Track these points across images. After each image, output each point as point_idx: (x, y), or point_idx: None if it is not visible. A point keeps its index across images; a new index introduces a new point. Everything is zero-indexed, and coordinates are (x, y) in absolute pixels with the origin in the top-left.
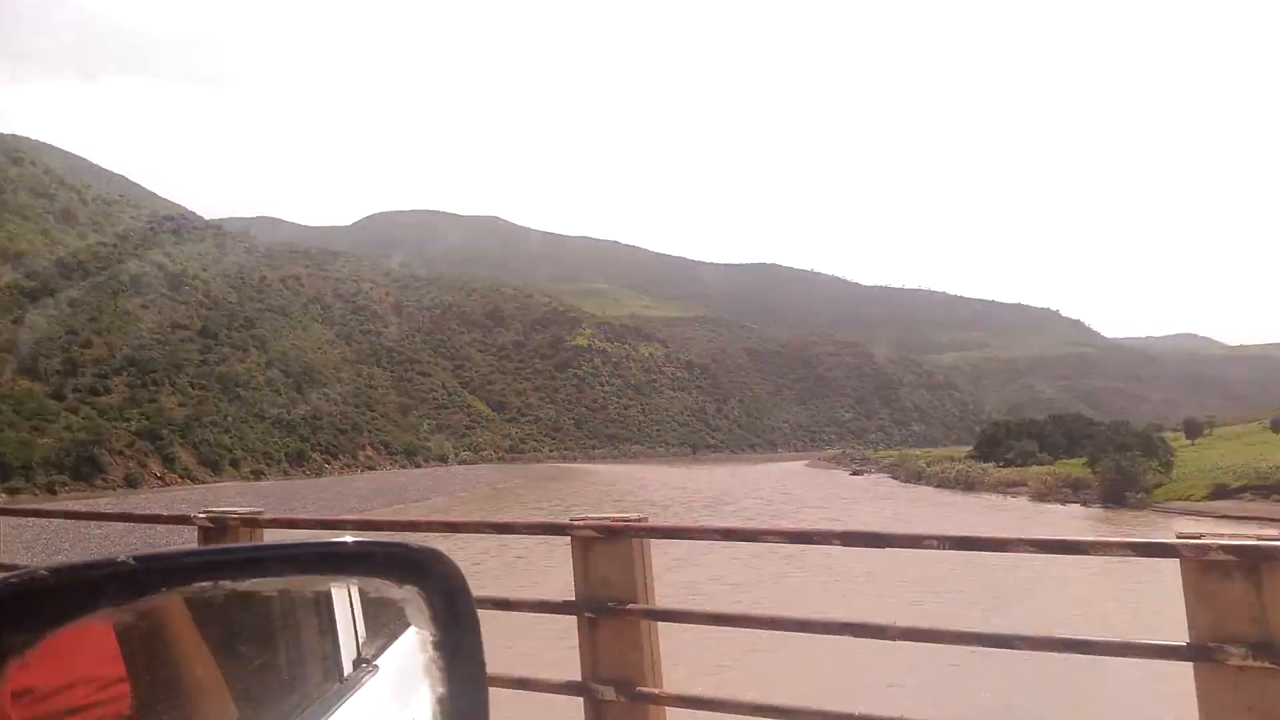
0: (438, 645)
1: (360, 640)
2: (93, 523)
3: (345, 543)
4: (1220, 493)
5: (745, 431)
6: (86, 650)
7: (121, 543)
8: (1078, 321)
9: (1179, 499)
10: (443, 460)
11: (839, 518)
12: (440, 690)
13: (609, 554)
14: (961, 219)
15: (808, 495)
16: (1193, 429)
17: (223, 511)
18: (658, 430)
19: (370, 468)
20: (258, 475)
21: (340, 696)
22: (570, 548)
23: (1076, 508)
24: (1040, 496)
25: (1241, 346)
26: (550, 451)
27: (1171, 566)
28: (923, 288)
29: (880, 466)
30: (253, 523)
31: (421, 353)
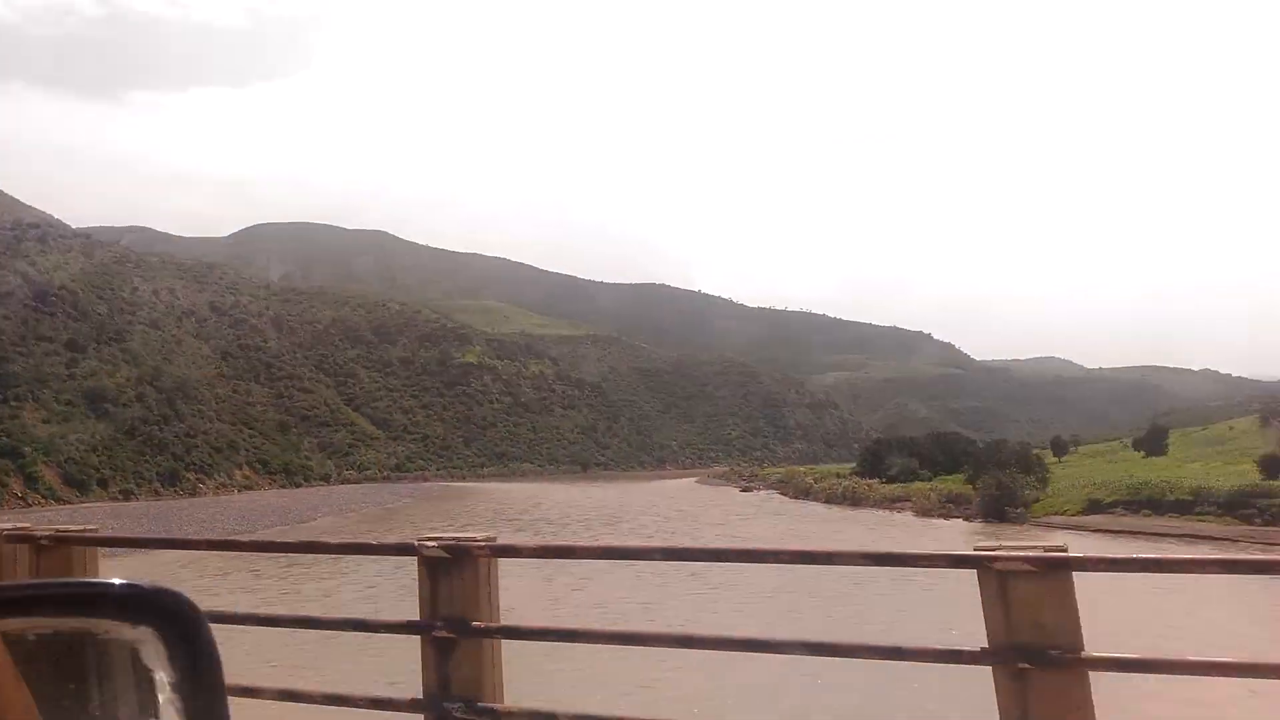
0: (175, 687)
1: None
2: None
3: (77, 583)
4: (1094, 507)
5: (635, 449)
6: None
7: None
8: (949, 344)
9: (1056, 513)
10: (325, 480)
11: (736, 534)
12: None
13: (459, 575)
14: (841, 246)
15: (704, 512)
16: (1059, 447)
17: (52, 529)
18: (548, 448)
19: (248, 487)
20: (127, 495)
21: None
22: (417, 568)
23: (960, 523)
24: (924, 512)
25: (1099, 369)
26: (438, 470)
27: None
28: (805, 309)
29: (768, 483)
30: (89, 540)
31: (303, 369)
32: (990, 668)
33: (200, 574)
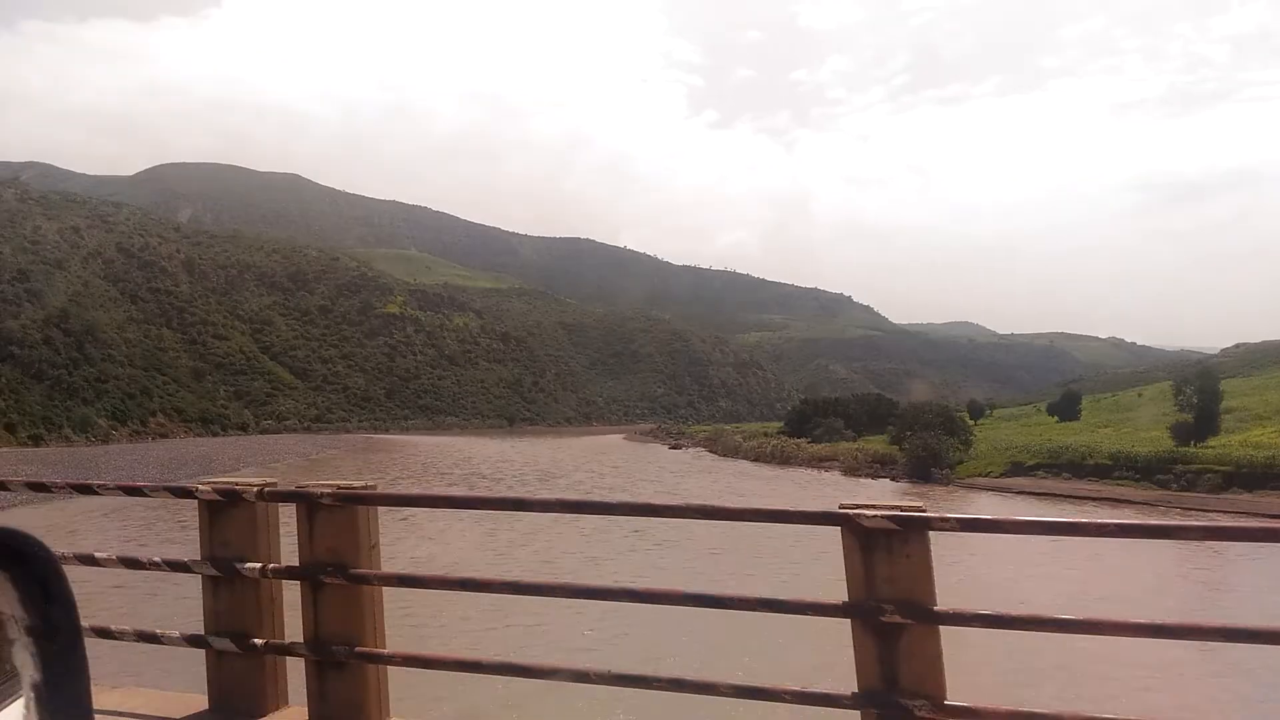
0: (30, 630)
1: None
2: None
3: None
4: (1016, 470)
5: (561, 405)
6: None
7: None
8: (868, 308)
9: (980, 475)
10: (243, 429)
11: (673, 490)
12: (36, 676)
13: (337, 521)
14: (763, 205)
15: (637, 469)
16: (976, 410)
17: None
18: (473, 402)
19: (163, 435)
20: (36, 441)
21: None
22: (296, 512)
23: (887, 482)
24: (851, 471)
25: (1010, 335)
26: (360, 422)
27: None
28: (728, 268)
29: (695, 440)
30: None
31: (216, 314)
32: (849, 620)
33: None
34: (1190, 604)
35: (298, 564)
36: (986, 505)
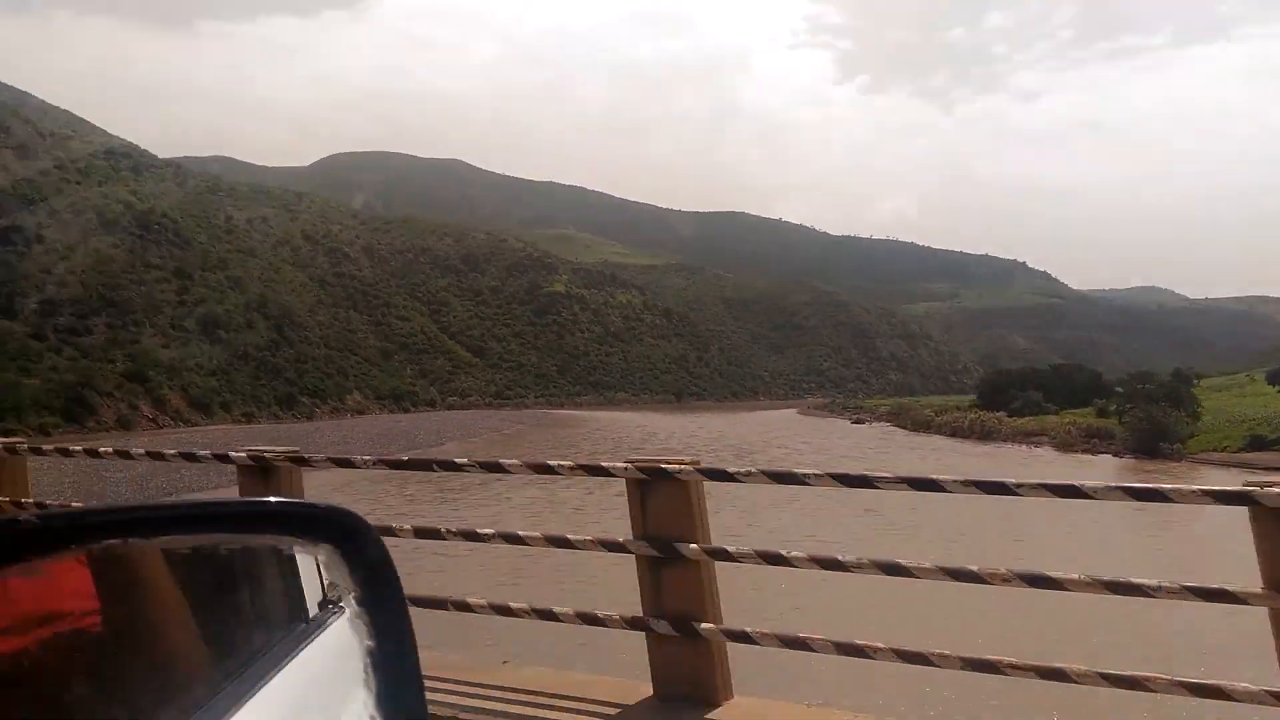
0: (360, 600)
1: (325, 583)
2: (112, 463)
3: (264, 503)
4: (1258, 443)
5: (727, 380)
6: (59, 587)
7: (152, 484)
8: (1045, 273)
9: (1214, 449)
10: (431, 405)
11: (889, 467)
12: (369, 644)
13: (674, 496)
14: (925, 175)
15: (830, 444)
16: (1182, 380)
17: (261, 450)
18: (640, 377)
19: (360, 412)
20: (249, 418)
21: (307, 635)
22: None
23: (1109, 459)
24: (1065, 447)
25: (1205, 299)
26: (536, 397)
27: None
28: (889, 237)
29: (877, 415)
30: (299, 460)
31: (397, 296)
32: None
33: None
34: None
35: (632, 536)
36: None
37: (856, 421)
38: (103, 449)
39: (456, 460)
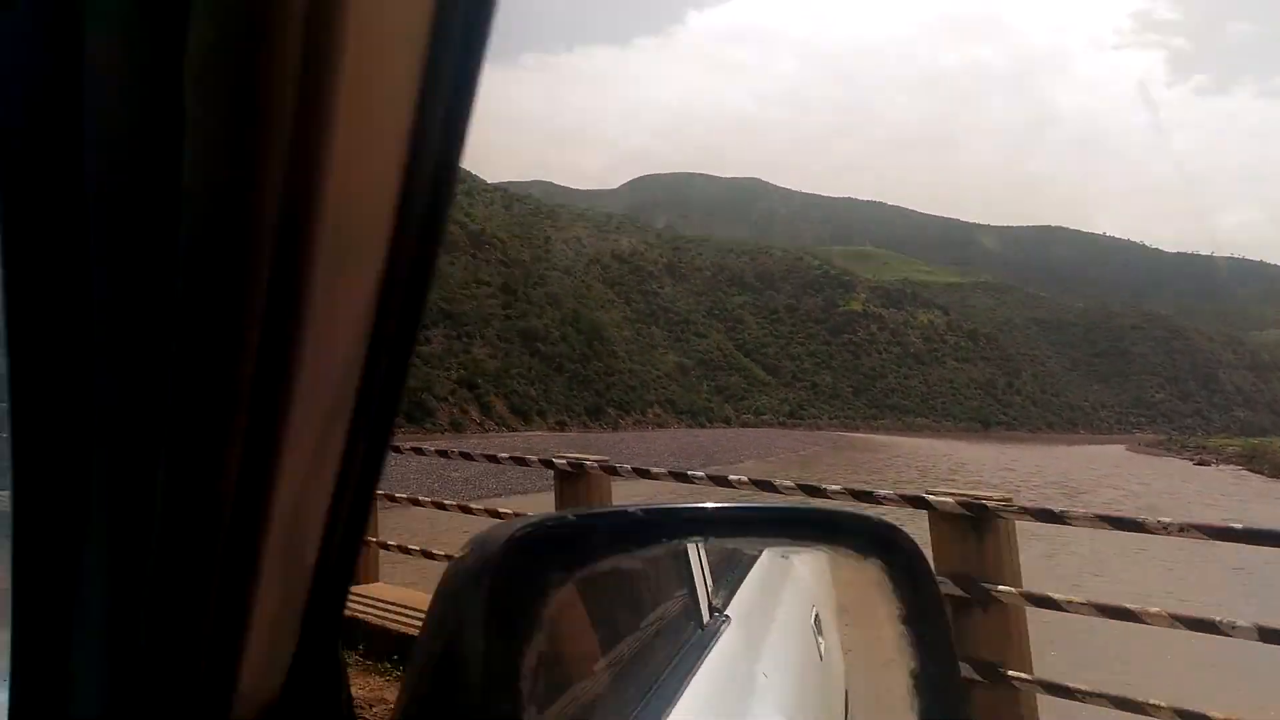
0: (904, 620)
1: (710, 590)
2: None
3: (815, 510)
4: None
5: (1040, 409)
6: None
7: (481, 484)
8: None
9: None
10: (726, 423)
11: (1253, 520)
12: (912, 665)
13: (986, 536)
14: (1275, 181)
15: (1176, 488)
16: None
17: (581, 457)
18: (942, 403)
19: (660, 425)
20: (561, 426)
21: (704, 644)
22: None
23: None
24: None
25: None
26: (830, 419)
27: None
28: (1234, 255)
29: (1224, 457)
30: (610, 470)
31: (696, 314)
32: None
33: None
34: None
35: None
36: None
37: (1200, 463)
38: (451, 450)
39: (773, 482)
